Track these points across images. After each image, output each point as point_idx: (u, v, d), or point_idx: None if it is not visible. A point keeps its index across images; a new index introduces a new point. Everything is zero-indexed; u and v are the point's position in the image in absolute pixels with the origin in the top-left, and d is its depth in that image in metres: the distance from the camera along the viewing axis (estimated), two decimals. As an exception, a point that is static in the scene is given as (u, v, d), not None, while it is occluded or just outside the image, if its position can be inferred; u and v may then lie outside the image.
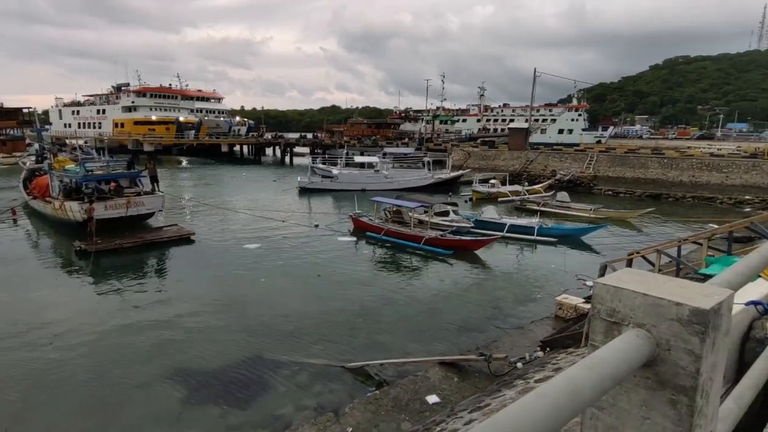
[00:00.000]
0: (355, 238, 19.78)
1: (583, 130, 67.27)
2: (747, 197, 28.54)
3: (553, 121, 71.58)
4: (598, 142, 60.33)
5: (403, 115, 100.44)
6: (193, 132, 67.29)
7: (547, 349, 8.35)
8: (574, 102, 73.56)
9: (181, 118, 71.21)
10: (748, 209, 25.97)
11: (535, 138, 58.36)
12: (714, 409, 0.94)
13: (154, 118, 71.20)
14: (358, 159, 37.10)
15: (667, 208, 27.40)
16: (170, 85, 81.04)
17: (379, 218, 20.64)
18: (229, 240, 19.29)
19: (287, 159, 63.74)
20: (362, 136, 68.88)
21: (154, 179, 23.37)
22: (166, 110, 75.33)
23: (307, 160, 43.81)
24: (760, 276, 3.39)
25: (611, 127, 74.90)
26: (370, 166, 35.34)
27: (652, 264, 8.86)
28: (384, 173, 34.87)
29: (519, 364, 7.90)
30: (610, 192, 31.87)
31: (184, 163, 58.43)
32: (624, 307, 0.93)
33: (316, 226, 21.79)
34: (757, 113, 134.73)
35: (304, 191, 33.16)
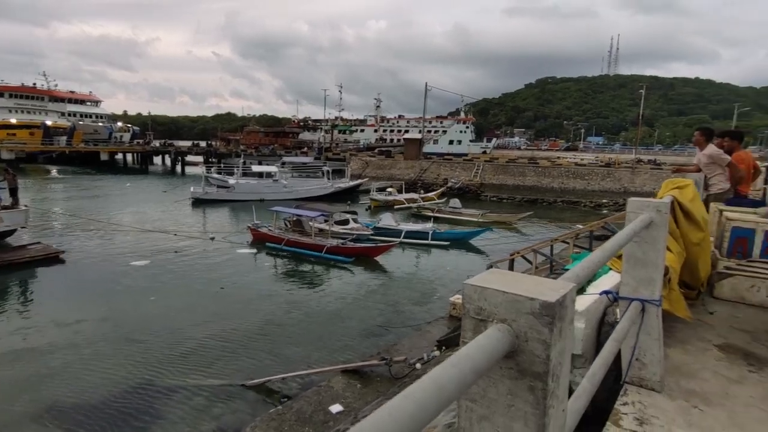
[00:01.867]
0: (254, 250, 19.02)
1: (471, 141, 72.10)
2: (604, 201, 32.78)
3: (444, 132, 75.81)
4: (484, 152, 65.01)
5: (302, 124, 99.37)
6: (65, 138, 59.85)
7: (443, 347, 8.77)
8: (462, 115, 78.73)
9: (49, 122, 63.14)
10: (605, 211, 29.83)
11: (428, 148, 61.23)
12: (564, 390, 1.05)
13: (14, 121, 62.21)
14: (255, 168, 35.88)
15: (542, 211, 30.41)
16: (35, 84, 71.42)
17: (279, 228, 20.12)
18: (112, 257, 17.41)
19: (179, 168, 59.45)
20: (260, 144, 66.72)
21: (14, 191, 20.31)
22: (29, 112, 66.31)
23: (200, 170, 41.27)
24: (611, 269, 3.90)
25: (494, 139, 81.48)
26: (269, 175, 34.37)
27: (530, 262, 9.78)
28: (283, 183, 34.11)
29: (418, 365, 8.18)
30: (494, 198, 34.52)
31: (54, 172, 51.68)
32: (489, 305, 1.01)
33: (212, 238, 20.57)
34: (609, 128, 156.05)
35: (199, 203, 31.15)
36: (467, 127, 74.21)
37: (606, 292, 3.04)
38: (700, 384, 2.78)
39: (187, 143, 73.28)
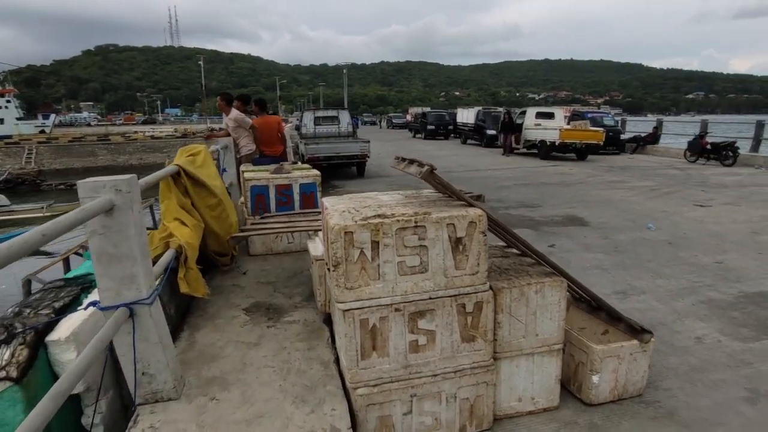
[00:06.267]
0: None
1: (19, 119, 55.41)
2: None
3: (-29, 109, 55.00)
4: (42, 131, 51.55)
5: None
6: None
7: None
8: (-3, 86, 58.84)
9: None
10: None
11: (-54, 132, 43.23)
12: None
13: None
14: None
15: (126, 191, 26.93)
16: None
17: None
18: None
19: None
20: None
21: None
22: None
23: None
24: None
25: (54, 115, 65.55)
26: None
27: (80, 255, 7.98)
28: None
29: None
30: (62, 186, 27.90)
31: None
32: None
33: None
34: (184, 100, 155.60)
35: None
36: (9, 102, 56.19)
37: (93, 304, 2.27)
38: (221, 365, 2.49)
39: None
